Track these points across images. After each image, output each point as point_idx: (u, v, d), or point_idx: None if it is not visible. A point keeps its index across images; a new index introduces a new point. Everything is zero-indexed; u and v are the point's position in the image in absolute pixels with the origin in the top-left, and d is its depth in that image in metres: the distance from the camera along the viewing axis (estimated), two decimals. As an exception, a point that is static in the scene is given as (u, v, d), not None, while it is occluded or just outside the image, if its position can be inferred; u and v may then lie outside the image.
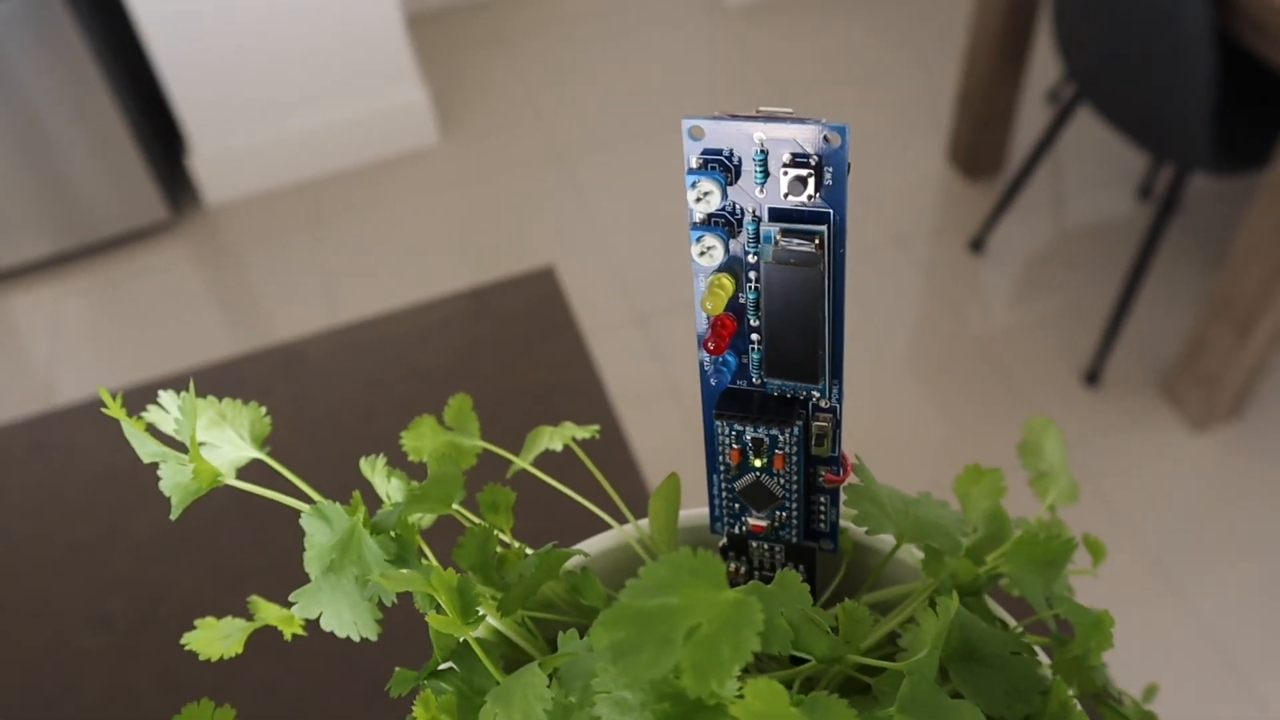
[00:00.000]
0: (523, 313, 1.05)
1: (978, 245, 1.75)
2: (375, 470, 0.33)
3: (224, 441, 0.33)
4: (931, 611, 0.26)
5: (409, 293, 1.69)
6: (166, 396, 0.33)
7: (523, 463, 0.36)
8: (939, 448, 1.50)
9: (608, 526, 0.35)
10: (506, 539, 0.32)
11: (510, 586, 0.29)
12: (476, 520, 0.33)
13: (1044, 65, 2.00)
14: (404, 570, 0.27)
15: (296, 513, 0.30)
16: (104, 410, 0.30)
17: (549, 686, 0.24)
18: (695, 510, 0.34)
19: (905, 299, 1.71)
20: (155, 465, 0.31)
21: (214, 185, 1.94)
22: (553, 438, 0.36)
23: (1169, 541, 1.37)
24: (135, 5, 1.73)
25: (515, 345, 1.01)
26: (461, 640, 0.28)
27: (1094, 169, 1.88)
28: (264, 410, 0.33)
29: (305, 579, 0.29)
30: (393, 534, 0.29)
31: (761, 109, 0.26)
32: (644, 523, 0.34)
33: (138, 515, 0.73)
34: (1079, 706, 0.27)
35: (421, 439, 0.35)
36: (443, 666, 0.29)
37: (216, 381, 0.84)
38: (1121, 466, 1.45)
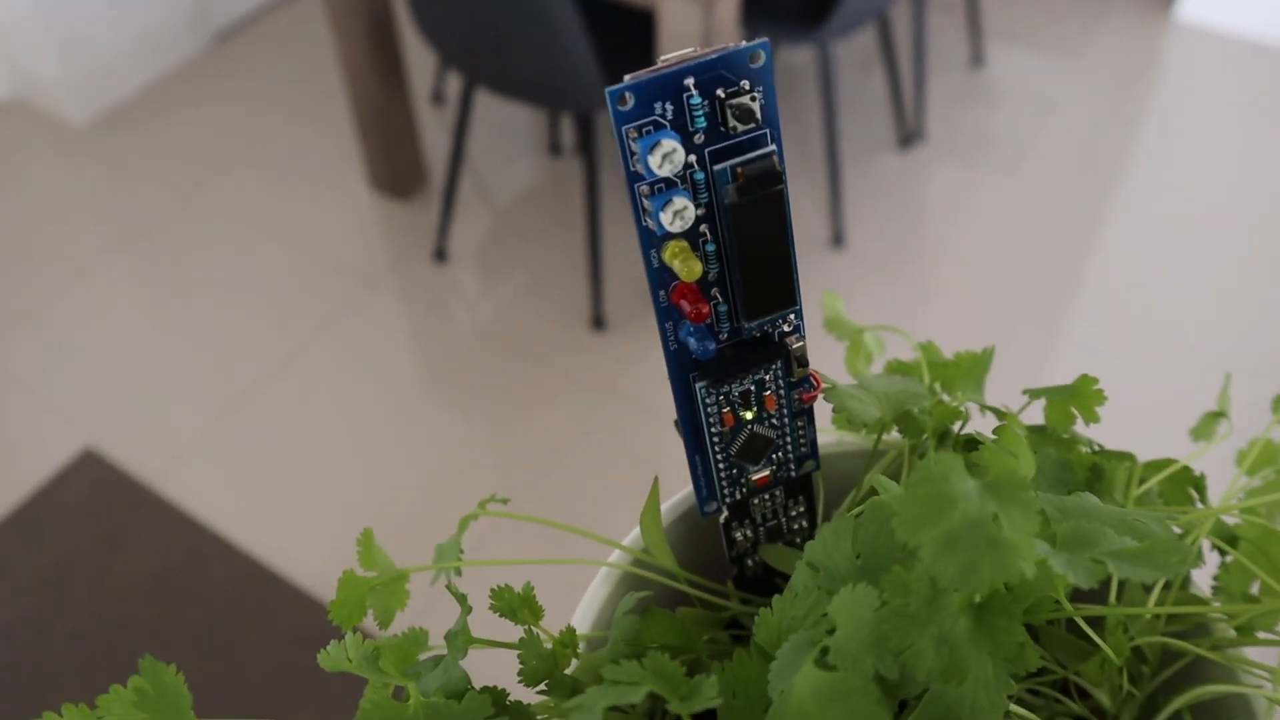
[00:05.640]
0: (86, 510, 0.90)
1: (441, 255, 1.79)
2: (356, 653, 0.26)
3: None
4: (995, 448, 0.28)
5: None
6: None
7: (454, 563, 0.31)
8: (499, 456, 1.53)
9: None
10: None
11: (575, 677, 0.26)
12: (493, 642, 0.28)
13: (427, 67, 2.07)
14: (588, 692, 0.22)
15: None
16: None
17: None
18: (666, 506, 0.32)
19: (399, 333, 1.71)
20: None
21: None
22: (463, 527, 0.32)
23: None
24: None
25: (100, 546, 0.86)
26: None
27: (505, 145, 2.00)
28: (174, 668, 0.25)
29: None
30: (475, 688, 0.24)
31: (664, 58, 0.24)
32: (628, 543, 0.31)
33: None
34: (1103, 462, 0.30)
35: (347, 605, 0.29)
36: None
37: None
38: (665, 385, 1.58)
